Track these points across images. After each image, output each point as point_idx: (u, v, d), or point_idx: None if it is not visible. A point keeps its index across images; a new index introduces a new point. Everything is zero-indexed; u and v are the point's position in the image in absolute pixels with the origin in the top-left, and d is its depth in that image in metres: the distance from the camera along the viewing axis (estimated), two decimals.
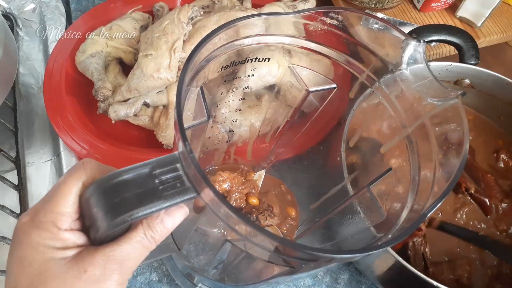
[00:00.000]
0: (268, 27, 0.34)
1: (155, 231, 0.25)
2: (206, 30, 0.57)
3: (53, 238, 0.24)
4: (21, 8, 0.72)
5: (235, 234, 0.25)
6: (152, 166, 0.24)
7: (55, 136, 0.60)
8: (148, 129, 0.59)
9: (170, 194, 0.24)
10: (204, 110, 0.29)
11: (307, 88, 0.40)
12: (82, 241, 0.25)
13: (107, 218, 0.23)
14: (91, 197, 0.24)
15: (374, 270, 0.48)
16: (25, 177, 0.57)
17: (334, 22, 0.35)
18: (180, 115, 0.25)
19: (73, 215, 0.25)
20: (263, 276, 0.35)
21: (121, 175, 0.24)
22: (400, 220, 0.30)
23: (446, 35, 0.54)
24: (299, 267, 0.28)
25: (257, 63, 0.42)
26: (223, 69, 0.37)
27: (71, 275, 0.23)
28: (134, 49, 0.62)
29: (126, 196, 0.23)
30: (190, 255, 0.39)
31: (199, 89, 0.29)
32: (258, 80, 0.48)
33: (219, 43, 0.32)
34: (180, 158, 0.25)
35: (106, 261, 0.24)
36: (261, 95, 0.53)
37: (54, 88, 0.59)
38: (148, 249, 0.26)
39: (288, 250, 0.24)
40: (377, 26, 0.34)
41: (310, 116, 0.45)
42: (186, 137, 0.24)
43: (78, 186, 0.25)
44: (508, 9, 0.71)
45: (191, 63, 0.27)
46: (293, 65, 0.42)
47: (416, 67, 0.34)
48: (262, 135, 0.51)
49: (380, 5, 0.68)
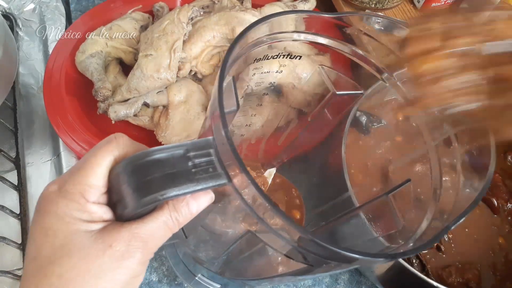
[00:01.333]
0: (271, 29, 0.34)
1: (180, 213, 0.25)
2: (206, 30, 0.57)
3: (80, 209, 0.23)
4: (21, 8, 0.72)
5: (260, 225, 0.24)
6: (187, 148, 0.24)
7: (55, 136, 0.60)
8: (148, 129, 0.59)
9: (203, 178, 0.23)
10: (234, 99, 0.29)
11: (335, 91, 0.40)
12: (108, 216, 0.24)
13: (137, 195, 0.23)
14: (121, 173, 0.24)
15: (374, 270, 0.48)
16: (25, 177, 0.57)
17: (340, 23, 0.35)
18: (221, 100, 0.24)
19: (101, 189, 0.24)
20: (268, 273, 0.35)
21: (154, 154, 0.24)
22: (417, 232, 0.30)
23: None
24: (317, 266, 0.27)
25: (259, 63, 0.42)
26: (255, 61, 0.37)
27: (96, 249, 0.23)
28: (134, 49, 0.62)
29: (158, 175, 0.23)
30: (196, 247, 0.39)
31: (231, 78, 0.29)
32: (258, 81, 0.48)
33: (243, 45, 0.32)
34: (215, 144, 0.24)
35: (131, 238, 0.23)
36: (262, 96, 0.54)
37: (54, 88, 0.58)
38: (171, 231, 0.25)
39: (314, 246, 0.24)
40: (378, 26, 0.34)
41: (327, 121, 0.45)
42: (227, 122, 0.24)
43: (110, 160, 0.25)
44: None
45: (234, 49, 0.27)
46: (322, 66, 0.41)
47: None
48: (274, 134, 0.51)
49: (380, 5, 0.68)
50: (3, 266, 0.51)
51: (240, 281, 0.43)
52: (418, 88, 0.30)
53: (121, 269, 0.23)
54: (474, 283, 0.46)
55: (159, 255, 0.54)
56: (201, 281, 0.45)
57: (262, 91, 0.51)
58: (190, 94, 0.57)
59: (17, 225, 0.52)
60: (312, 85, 0.50)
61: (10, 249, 0.51)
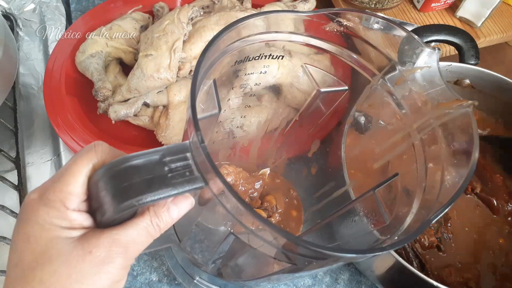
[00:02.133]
0: (268, 27, 0.34)
1: (160, 219, 0.25)
2: (206, 30, 0.57)
3: (60, 217, 0.24)
4: (21, 8, 0.72)
5: (241, 227, 0.25)
6: (163, 154, 0.24)
7: (55, 136, 0.60)
8: (148, 129, 0.59)
9: (179, 182, 0.24)
10: (215, 102, 0.29)
11: (319, 88, 0.40)
12: (88, 223, 0.25)
13: (115, 201, 0.23)
14: (100, 180, 0.24)
15: (374, 270, 0.48)
16: (25, 177, 0.57)
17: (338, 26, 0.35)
18: (194, 104, 0.25)
19: (81, 196, 0.25)
20: (262, 273, 0.35)
21: (131, 160, 0.24)
22: (404, 225, 0.30)
23: (446, 35, 0.54)
24: (301, 265, 0.28)
25: (257, 62, 0.42)
26: (236, 63, 0.38)
27: (76, 255, 0.23)
28: (134, 49, 0.62)
29: (135, 181, 0.23)
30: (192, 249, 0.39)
31: (212, 81, 0.29)
32: (257, 80, 0.48)
33: (235, 37, 0.32)
34: (191, 148, 0.25)
35: (112, 243, 0.24)
36: (261, 95, 0.53)
37: (54, 88, 0.59)
38: (153, 237, 0.26)
39: (294, 246, 0.24)
40: (377, 26, 0.34)
41: (318, 117, 0.45)
42: (199, 126, 0.24)
43: (88, 168, 0.25)
44: (508, 9, 0.71)
45: (206, 55, 0.27)
46: (305, 64, 0.42)
47: (428, 74, 0.34)
48: (267, 135, 0.51)
49: (380, 5, 0.68)
50: (3, 266, 0.51)
51: (239, 283, 0.43)
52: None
53: (101, 274, 0.23)
54: (474, 283, 0.46)
55: (159, 255, 0.54)
56: (200, 284, 0.45)
57: (261, 90, 0.51)
58: None
59: None
60: (311, 85, 0.50)
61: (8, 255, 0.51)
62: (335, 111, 0.45)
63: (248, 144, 0.51)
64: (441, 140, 0.33)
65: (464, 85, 0.56)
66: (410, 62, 0.35)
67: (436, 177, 0.32)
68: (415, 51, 0.34)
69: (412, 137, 0.36)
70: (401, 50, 0.35)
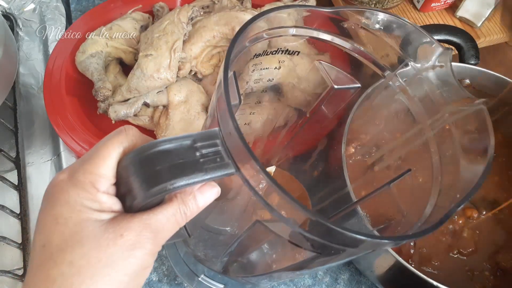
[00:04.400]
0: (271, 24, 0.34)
1: (187, 207, 0.25)
2: (206, 30, 0.57)
3: (91, 198, 0.23)
4: (21, 8, 0.72)
5: (271, 212, 0.25)
6: (194, 139, 0.24)
7: (55, 136, 0.60)
8: (148, 129, 0.59)
9: (211, 168, 0.24)
10: (236, 93, 0.29)
11: (333, 85, 0.40)
12: (117, 207, 0.24)
13: (146, 186, 0.23)
14: (130, 164, 0.24)
15: (374, 270, 0.48)
16: (25, 177, 0.57)
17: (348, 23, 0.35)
18: (227, 90, 0.25)
19: (111, 180, 0.24)
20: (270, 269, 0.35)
21: (161, 145, 0.24)
22: (422, 218, 0.31)
23: (446, 35, 0.54)
24: (325, 253, 0.27)
25: (258, 60, 0.42)
26: (255, 57, 0.37)
27: (107, 238, 0.22)
28: (134, 49, 0.62)
29: (167, 166, 0.23)
30: (198, 245, 0.40)
31: (232, 73, 0.29)
32: (257, 79, 0.48)
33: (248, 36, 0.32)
34: (221, 134, 0.25)
35: (143, 228, 0.23)
36: (261, 95, 0.53)
37: (54, 88, 0.58)
38: (179, 225, 0.25)
39: (322, 229, 0.24)
40: (378, 25, 0.34)
41: (327, 115, 0.45)
42: (233, 112, 0.24)
43: (119, 151, 0.25)
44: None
45: (237, 43, 0.27)
46: (320, 61, 0.42)
47: (441, 73, 0.34)
48: (274, 133, 0.51)
49: (380, 5, 0.68)
50: (3, 266, 0.51)
51: (242, 280, 0.43)
52: None
53: (131, 259, 0.23)
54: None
55: (159, 255, 0.54)
56: (203, 281, 0.45)
57: (261, 90, 0.51)
58: (190, 94, 0.57)
59: (17, 225, 0.52)
60: (312, 85, 0.50)
61: (10, 249, 0.51)
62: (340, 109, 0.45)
63: (254, 142, 0.51)
64: (456, 136, 0.33)
65: (464, 85, 0.56)
66: (424, 61, 0.35)
67: (452, 173, 0.32)
68: (430, 52, 0.34)
69: (426, 133, 0.37)
70: (404, 45, 0.35)
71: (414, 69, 0.36)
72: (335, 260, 0.33)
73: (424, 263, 0.48)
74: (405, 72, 0.36)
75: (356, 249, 0.26)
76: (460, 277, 0.48)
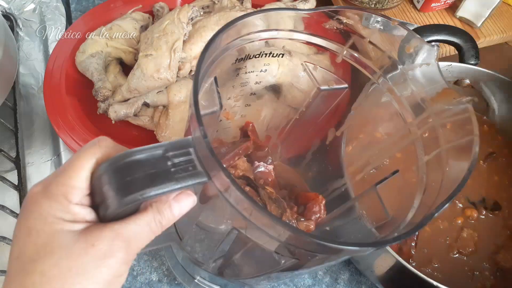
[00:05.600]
0: (268, 25, 0.34)
1: (163, 215, 0.25)
2: (206, 30, 0.57)
3: (63, 210, 0.24)
4: (21, 8, 0.72)
5: (244, 222, 0.25)
6: (165, 148, 0.24)
7: (55, 136, 0.60)
8: (148, 129, 0.59)
9: (182, 177, 0.24)
10: (217, 99, 0.29)
11: (319, 86, 0.40)
12: (91, 217, 0.25)
13: (118, 196, 0.23)
14: (103, 175, 0.24)
15: (374, 270, 0.48)
16: (25, 177, 0.57)
17: (338, 24, 0.35)
18: (196, 100, 0.25)
19: (85, 191, 0.25)
20: (263, 270, 0.35)
21: (134, 155, 0.24)
22: (406, 220, 0.31)
23: (446, 35, 0.54)
24: (304, 260, 0.28)
25: (257, 61, 0.42)
26: (237, 62, 0.38)
27: (78, 248, 0.23)
28: (134, 49, 0.62)
29: (138, 176, 0.23)
30: (192, 248, 0.40)
31: (213, 78, 0.29)
32: (258, 79, 0.48)
33: (235, 36, 0.32)
34: (194, 143, 0.25)
35: (114, 237, 0.24)
36: (261, 95, 0.53)
37: (54, 88, 0.58)
38: (154, 233, 0.26)
39: (299, 240, 0.24)
40: (377, 25, 0.34)
41: (318, 116, 0.45)
42: (202, 120, 0.24)
43: (92, 162, 0.25)
44: (508, 9, 0.71)
45: (207, 52, 0.27)
46: (305, 62, 0.42)
47: (427, 71, 0.34)
48: (266, 134, 0.51)
49: (380, 5, 0.68)
50: (3, 266, 0.51)
51: (239, 282, 0.43)
52: None
53: (103, 268, 0.23)
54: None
55: (159, 255, 0.54)
56: (200, 283, 0.45)
57: (261, 90, 0.51)
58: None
59: None
60: (312, 85, 0.50)
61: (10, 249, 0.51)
62: (335, 111, 0.45)
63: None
64: (442, 135, 0.33)
65: (464, 85, 0.56)
66: (410, 60, 0.35)
67: (437, 172, 0.32)
68: (415, 50, 0.34)
69: (412, 133, 0.37)
70: (402, 49, 0.35)
71: (401, 70, 0.36)
72: (321, 264, 0.33)
73: (425, 263, 0.48)
74: (394, 73, 0.37)
75: (337, 256, 0.26)
76: (461, 277, 0.48)
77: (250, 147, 0.40)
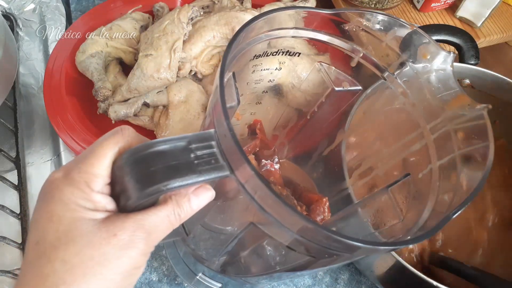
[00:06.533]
0: (270, 25, 0.34)
1: (182, 208, 0.25)
2: (206, 30, 0.57)
3: (85, 198, 0.23)
4: (21, 8, 0.72)
5: (263, 217, 0.25)
6: (189, 140, 0.24)
7: (55, 136, 0.60)
8: (148, 129, 0.59)
9: (205, 169, 0.24)
10: (234, 94, 0.29)
11: (334, 87, 0.40)
12: (111, 207, 0.25)
13: (140, 186, 0.23)
14: (125, 164, 0.24)
15: (374, 270, 0.48)
16: (25, 177, 0.57)
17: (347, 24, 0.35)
18: (222, 93, 0.25)
19: (106, 179, 0.24)
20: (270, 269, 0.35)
21: (157, 146, 0.24)
22: (419, 223, 0.31)
23: (446, 35, 0.54)
24: (321, 257, 0.27)
25: (258, 60, 0.42)
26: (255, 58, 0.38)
27: (100, 237, 0.23)
28: (134, 49, 0.62)
29: (161, 167, 0.23)
30: (197, 244, 0.40)
31: (231, 74, 0.29)
32: (258, 78, 0.48)
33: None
34: (216, 136, 0.25)
35: (136, 228, 0.23)
36: (263, 95, 0.53)
37: (54, 88, 0.58)
38: (173, 226, 0.26)
39: (321, 236, 0.24)
40: (378, 26, 0.34)
41: (328, 117, 0.45)
42: (228, 114, 0.24)
43: (114, 151, 0.25)
44: (508, 9, 0.71)
45: (233, 45, 0.27)
46: (320, 63, 0.42)
47: (443, 77, 0.35)
48: (274, 133, 0.51)
49: (380, 5, 0.68)
50: (3, 266, 0.51)
51: (241, 280, 0.43)
52: None
53: (124, 258, 0.23)
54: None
55: (159, 255, 0.54)
56: (202, 280, 0.45)
57: (261, 89, 0.51)
58: (190, 94, 0.57)
59: (17, 225, 0.52)
60: (312, 85, 0.50)
61: (10, 249, 0.51)
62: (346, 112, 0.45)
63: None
64: (455, 141, 0.33)
65: (464, 85, 0.56)
66: (426, 66, 0.35)
67: (450, 178, 0.32)
68: (432, 56, 0.34)
69: (425, 137, 0.37)
70: (403, 48, 0.35)
71: (412, 70, 0.36)
72: (332, 263, 0.33)
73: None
74: (405, 73, 0.36)
75: (351, 254, 0.26)
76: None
77: (258, 145, 0.40)
